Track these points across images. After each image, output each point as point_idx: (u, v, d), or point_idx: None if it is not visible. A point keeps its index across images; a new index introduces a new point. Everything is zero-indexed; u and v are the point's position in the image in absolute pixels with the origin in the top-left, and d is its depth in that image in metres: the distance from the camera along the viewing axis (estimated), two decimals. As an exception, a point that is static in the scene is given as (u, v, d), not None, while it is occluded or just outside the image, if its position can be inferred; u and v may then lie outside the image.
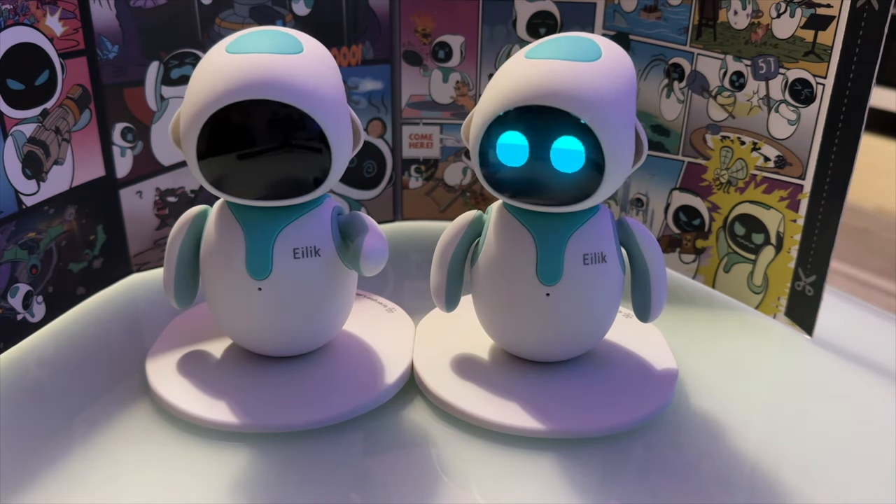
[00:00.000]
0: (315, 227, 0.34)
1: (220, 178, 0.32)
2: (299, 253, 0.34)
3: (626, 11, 0.46)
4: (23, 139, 0.38)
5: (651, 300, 0.35)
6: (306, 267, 0.34)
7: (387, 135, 0.52)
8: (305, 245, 0.34)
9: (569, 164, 0.31)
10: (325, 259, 0.34)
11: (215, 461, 0.32)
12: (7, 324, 0.39)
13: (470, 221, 0.36)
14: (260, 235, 0.34)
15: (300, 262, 0.34)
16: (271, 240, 0.34)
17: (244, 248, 0.34)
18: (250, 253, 0.33)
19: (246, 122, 0.31)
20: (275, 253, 0.34)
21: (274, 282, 0.34)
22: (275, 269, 0.34)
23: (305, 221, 0.34)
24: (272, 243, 0.34)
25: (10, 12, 0.37)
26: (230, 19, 0.46)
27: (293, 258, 0.34)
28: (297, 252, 0.34)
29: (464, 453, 0.33)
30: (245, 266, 0.33)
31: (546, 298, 0.34)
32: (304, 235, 0.34)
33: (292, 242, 0.34)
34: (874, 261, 1.25)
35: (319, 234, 0.34)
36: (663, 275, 0.35)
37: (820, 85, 0.39)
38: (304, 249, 0.34)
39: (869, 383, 0.39)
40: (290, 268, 0.34)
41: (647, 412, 0.35)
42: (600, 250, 0.34)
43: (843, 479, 0.33)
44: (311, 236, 0.34)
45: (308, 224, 0.34)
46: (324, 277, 0.35)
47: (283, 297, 0.34)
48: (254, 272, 0.33)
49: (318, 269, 0.34)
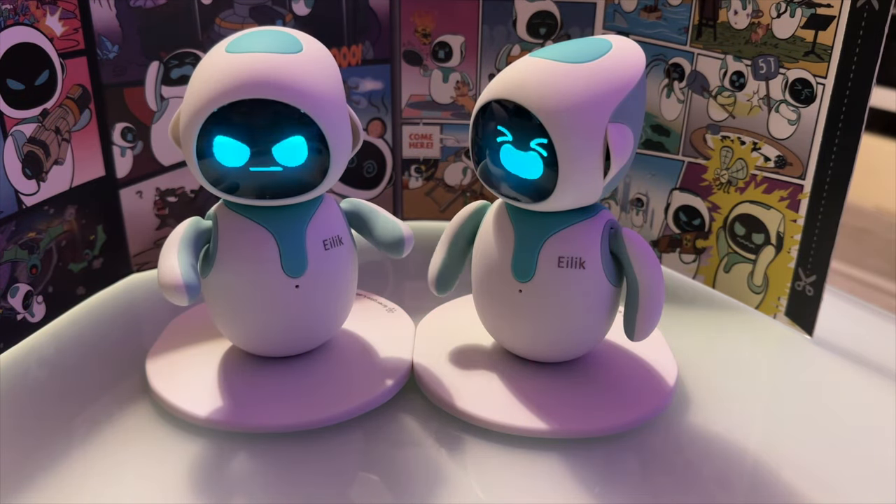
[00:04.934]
0: (334, 219, 0.35)
1: (219, 178, 0.32)
2: (329, 244, 0.35)
3: (627, 11, 0.46)
4: (23, 139, 0.38)
5: (636, 318, 0.34)
6: (336, 260, 0.35)
7: (387, 135, 0.52)
8: (331, 236, 0.35)
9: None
10: (346, 248, 0.35)
11: (215, 461, 0.32)
12: (7, 324, 0.38)
13: (473, 211, 0.37)
14: (292, 233, 0.34)
15: (330, 255, 0.35)
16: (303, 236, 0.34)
17: (278, 248, 0.34)
18: (284, 252, 0.34)
19: (244, 122, 0.31)
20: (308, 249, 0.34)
21: (312, 278, 0.34)
22: (310, 266, 0.34)
23: (324, 215, 0.35)
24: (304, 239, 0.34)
25: (10, 12, 0.37)
26: (230, 19, 0.46)
27: (324, 250, 0.34)
28: (328, 244, 0.35)
29: (464, 453, 0.33)
30: (281, 265, 0.34)
31: (519, 294, 0.34)
32: (328, 228, 0.35)
33: (321, 235, 0.34)
34: (874, 261, 1.25)
35: (339, 225, 0.35)
36: (656, 294, 0.34)
37: (820, 85, 0.39)
38: (331, 240, 0.35)
39: (869, 383, 0.39)
40: (324, 263, 0.34)
41: (648, 412, 0.35)
42: (579, 255, 0.34)
43: (843, 479, 0.33)
44: (332, 228, 0.35)
45: (328, 217, 0.35)
46: (350, 269, 0.36)
47: (320, 294, 0.35)
48: (290, 270, 0.34)
49: (343, 261, 0.35)
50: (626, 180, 0.49)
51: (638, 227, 0.49)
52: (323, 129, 0.31)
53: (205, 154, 0.32)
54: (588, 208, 0.34)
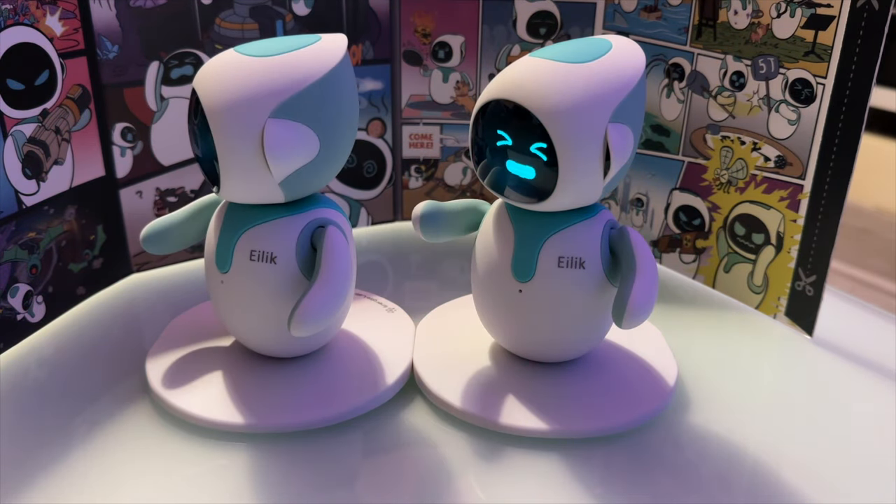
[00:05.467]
0: (280, 236, 0.34)
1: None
2: (255, 256, 0.34)
3: (627, 11, 0.46)
4: (23, 139, 0.38)
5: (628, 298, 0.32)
6: (256, 271, 0.34)
7: (387, 135, 0.52)
8: (262, 250, 0.34)
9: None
10: (278, 269, 0.34)
11: (215, 461, 0.32)
12: (7, 324, 0.38)
13: (480, 202, 0.38)
14: (228, 233, 0.34)
15: (253, 265, 0.34)
16: (234, 238, 0.34)
17: (216, 240, 0.35)
18: (219, 249, 0.34)
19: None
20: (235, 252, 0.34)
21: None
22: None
23: (275, 225, 0.34)
24: (234, 242, 0.34)
25: (10, 12, 0.37)
26: (230, 19, 0.46)
27: (248, 259, 0.34)
28: (254, 255, 0.34)
29: (464, 453, 0.33)
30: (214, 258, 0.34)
31: (519, 294, 0.34)
32: (265, 243, 0.34)
33: (252, 244, 0.34)
34: (874, 261, 1.25)
35: (283, 244, 0.34)
36: (650, 272, 0.33)
37: (820, 85, 0.39)
38: (260, 254, 0.34)
39: (869, 383, 0.39)
40: (244, 270, 0.34)
41: (648, 412, 0.35)
42: (579, 255, 0.34)
43: (843, 479, 0.33)
44: (269, 244, 0.34)
45: (273, 232, 0.34)
46: (272, 287, 0.34)
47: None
48: (219, 264, 0.34)
49: (266, 277, 0.34)
50: (626, 180, 0.49)
51: (638, 227, 0.49)
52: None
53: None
54: (588, 208, 0.34)
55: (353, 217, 0.53)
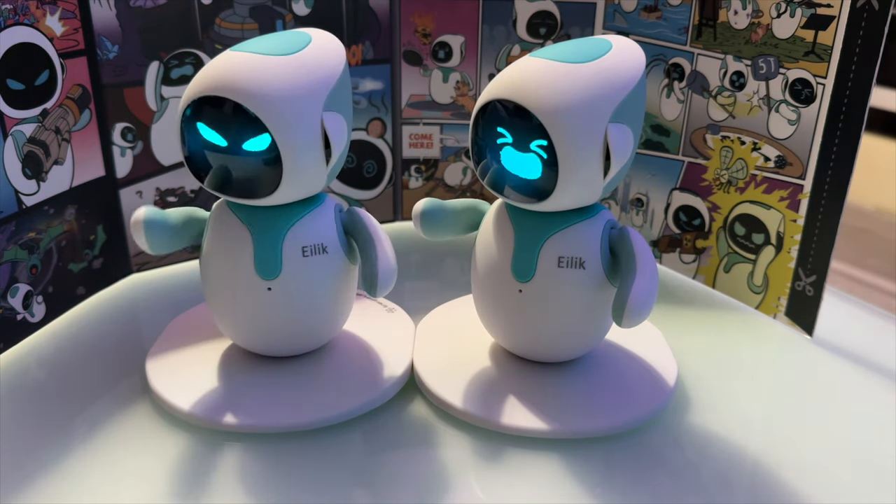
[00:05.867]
0: (321, 226, 0.35)
1: (195, 170, 0.33)
2: (308, 251, 0.34)
3: (627, 11, 0.46)
4: (23, 139, 0.38)
5: (628, 297, 0.31)
6: (313, 266, 0.34)
7: (387, 135, 0.52)
8: (313, 243, 0.34)
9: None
10: (332, 257, 0.35)
11: (215, 461, 0.32)
12: (7, 324, 0.38)
13: (480, 201, 0.38)
14: (267, 235, 0.34)
15: (308, 261, 0.34)
16: (280, 239, 0.34)
17: (252, 248, 0.34)
18: (259, 253, 0.34)
19: (207, 119, 0.32)
20: (284, 252, 0.34)
21: (284, 281, 0.34)
22: (284, 269, 0.34)
23: (310, 220, 0.34)
24: (281, 243, 0.34)
25: (10, 12, 0.37)
26: (230, 19, 0.46)
27: (302, 256, 0.34)
28: (306, 250, 0.34)
29: (464, 453, 0.33)
30: (253, 266, 0.34)
31: (519, 294, 0.34)
32: (310, 234, 0.34)
33: (300, 241, 0.34)
34: (874, 261, 1.25)
35: (326, 232, 0.35)
36: (651, 276, 0.32)
37: (820, 85, 0.39)
38: (312, 247, 0.34)
39: (869, 383, 0.39)
40: (299, 267, 0.34)
41: (647, 412, 0.35)
42: (579, 255, 0.34)
43: (843, 479, 0.33)
44: (316, 235, 0.34)
45: (313, 223, 0.34)
46: (332, 274, 0.35)
47: (292, 297, 0.34)
48: (263, 272, 0.34)
49: (325, 267, 0.35)
50: (626, 180, 0.49)
51: (638, 227, 0.49)
52: (273, 134, 0.31)
53: (184, 133, 0.33)
54: (588, 208, 0.34)
55: (353, 217, 0.53)
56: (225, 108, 0.31)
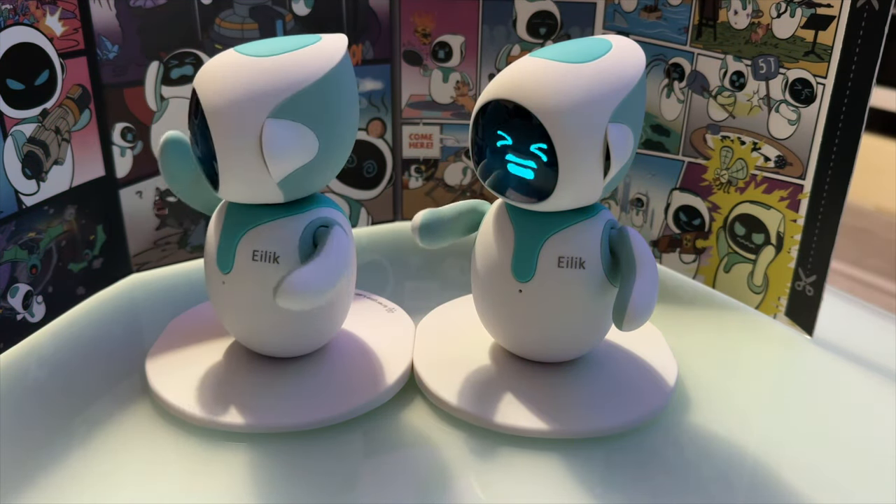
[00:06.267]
0: (284, 236, 0.34)
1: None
2: (258, 256, 0.34)
3: (626, 11, 0.46)
4: (23, 139, 0.38)
5: (628, 302, 0.31)
6: (260, 271, 0.34)
7: (387, 135, 0.52)
8: (264, 249, 0.33)
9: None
10: (282, 269, 0.34)
11: (215, 461, 0.32)
12: (7, 324, 0.39)
13: (479, 202, 0.38)
14: (231, 234, 0.34)
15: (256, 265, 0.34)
16: (236, 239, 0.34)
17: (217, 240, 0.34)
18: (220, 250, 0.34)
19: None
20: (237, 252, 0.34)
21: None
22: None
23: (277, 225, 0.34)
24: (236, 242, 0.34)
25: (10, 12, 0.37)
26: (230, 19, 0.46)
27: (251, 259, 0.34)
28: (256, 255, 0.33)
29: (464, 453, 0.33)
30: (216, 257, 0.34)
31: (519, 294, 0.34)
32: (267, 242, 0.33)
33: (254, 244, 0.34)
34: (874, 261, 1.25)
35: (285, 244, 0.33)
36: (652, 279, 0.32)
37: (820, 85, 0.39)
38: (263, 253, 0.33)
39: (869, 383, 0.39)
40: (247, 269, 0.34)
41: (647, 412, 0.35)
42: (579, 255, 0.34)
43: (843, 479, 0.33)
44: (271, 243, 0.33)
45: (277, 231, 0.34)
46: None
47: None
48: (220, 264, 0.34)
49: (270, 278, 0.33)
50: (626, 180, 0.49)
51: (638, 227, 0.49)
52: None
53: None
54: (588, 208, 0.34)
55: (353, 217, 0.53)
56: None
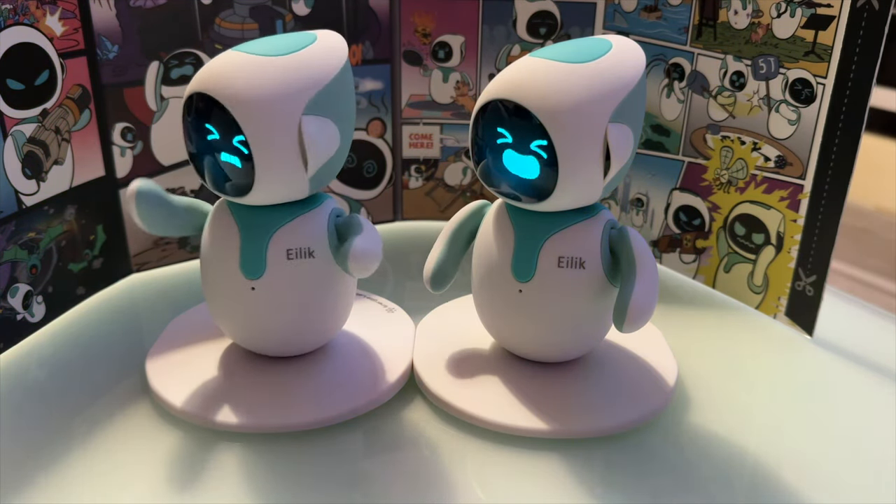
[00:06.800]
0: (310, 228, 0.34)
1: (197, 168, 0.33)
2: (293, 254, 0.34)
3: (627, 11, 0.46)
4: (23, 139, 0.38)
5: (629, 304, 0.32)
6: (299, 267, 0.34)
7: (387, 135, 0.52)
8: (299, 246, 0.34)
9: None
10: (319, 260, 0.34)
11: (215, 461, 0.32)
12: (7, 324, 0.38)
13: (474, 209, 0.37)
14: (254, 235, 0.34)
15: (293, 263, 0.34)
16: (265, 240, 0.34)
17: (239, 248, 0.34)
18: (244, 252, 0.33)
19: (196, 116, 0.32)
20: (268, 253, 0.33)
21: (267, 282, 0.34)
22: (268, 270, 0.34)
23: (301, 222, 0.34)
24: (266, 243, 0.33)
25: (10, 12, 0.37)
26: (230, 19, 0.46)
27: (286, 259, 0.34)
28: (291, 253, 0.34)
29: (464, 453, 0.33)
30: (239, 265, 0.33)
31: (519, 294, 0.34)
32: (298, 236, 0.34)
33: (286, 243, 0.34)
34: (874, 261, 1.25)
35: (315, 234, 0.34)
36: (652, 280, 0.33)
37: (820, 85, 0.39)
38: (298, 250, 0.34)
39: (869, 383, 0.39)
40: (283, 268, 0.34)
41: (647, 412, 0.35)
42: (579, 255, 0.34)
43: (843, 479, 0.33)
44: (305, 237, 0.34)
45: (304, 225, 0.34)
46: (318, 278, 0.35)
47: (278, 298, 0.34)
48: (247, 271, 0.33)
49: (312, 270, 0.34)
50: (626, 180, 0.49)
51: (638, 227, 0.49)
52: (246, 135, 0.31)
53: (188, 130, 0.33)
54: (588, 208, 0.34)
55: (353, 217, 0.53)
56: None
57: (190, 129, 0.33)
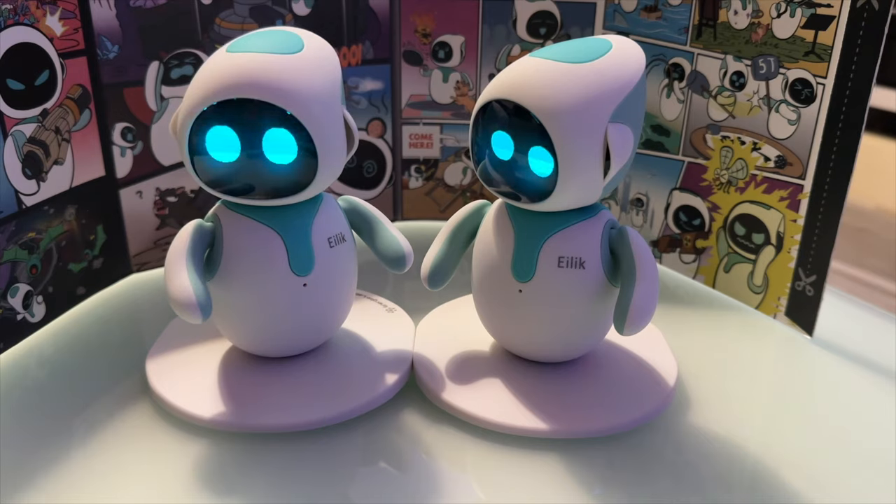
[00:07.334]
0: (336, 217, 0.35)
1: (212, 174, 0.32)
2: (563, 262, 0.34)
3: (627, 11, 0.46)
4: (23, 139, 0.38)
5: (629, 308, 0.32)
6: (339, 256, 0.35)
7: (387, 135, 0.52)
8: (335, 233, 0.35)
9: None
10: (349, 246, 0.36)
11: (215, 461, 0.32)
12: (7, 324, 0.39)
13: (474, 209, 0.37)
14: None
15: (335, 251, 0.35)
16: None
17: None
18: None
19: (234, 120, 0.31)
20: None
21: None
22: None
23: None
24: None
25: (10, 12, 0.37)
26: (230, 19, 0.46)
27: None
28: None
29: (464, 453, 0.33)
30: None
31: (519, 294, 0.34)
32: (332, 226, 0.35)
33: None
34: (874, 261, 1.25)
35: (341, 223, 0.36)
36: (651, 282, 0.33)
37: (820, 85, 0.39)
38: (335, 237, 0.35)
39: (869, 383, 0.39)
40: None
41: (647, 412, 0.35)
42: (579, 255, 0.34)
43: (843, 479, 0.33)
44: (335, 226, 0.35)
45: (330, 215, 0.35)
46: (352, 265, 0.36)
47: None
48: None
49: (347, 257, 0.36)
50: (626, 180, 0.49)
51: (638, 227, 0.49)
52: (309, 130, 0.31)
53: (198, 150, 0.32)
54: (588, 208, 0.34)
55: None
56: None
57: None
